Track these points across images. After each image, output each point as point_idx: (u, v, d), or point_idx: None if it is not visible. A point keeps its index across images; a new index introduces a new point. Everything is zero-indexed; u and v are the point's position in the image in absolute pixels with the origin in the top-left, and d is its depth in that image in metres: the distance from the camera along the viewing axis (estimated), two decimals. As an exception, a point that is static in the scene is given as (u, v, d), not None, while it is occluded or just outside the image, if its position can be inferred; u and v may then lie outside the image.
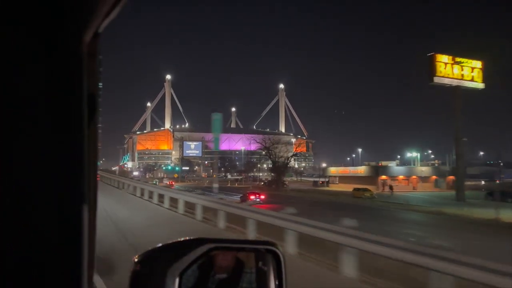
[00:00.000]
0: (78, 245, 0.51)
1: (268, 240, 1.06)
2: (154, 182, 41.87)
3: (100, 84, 0.63)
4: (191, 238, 0.83)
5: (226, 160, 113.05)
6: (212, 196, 22.47)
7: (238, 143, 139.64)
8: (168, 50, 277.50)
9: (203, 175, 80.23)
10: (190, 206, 15.85)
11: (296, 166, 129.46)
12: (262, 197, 32.62)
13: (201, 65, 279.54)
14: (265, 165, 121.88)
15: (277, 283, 0.90)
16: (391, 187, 55.93)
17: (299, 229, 8.73)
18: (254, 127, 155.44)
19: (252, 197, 31.83)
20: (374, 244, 6.64)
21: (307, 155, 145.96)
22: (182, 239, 0.84)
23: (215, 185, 33.72)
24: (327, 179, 75.43)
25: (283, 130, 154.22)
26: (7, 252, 0.48)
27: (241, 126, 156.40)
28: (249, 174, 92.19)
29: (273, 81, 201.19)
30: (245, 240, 1.08)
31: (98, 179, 0.66)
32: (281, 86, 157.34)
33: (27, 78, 0.47)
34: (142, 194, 21.97)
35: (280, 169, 66.15)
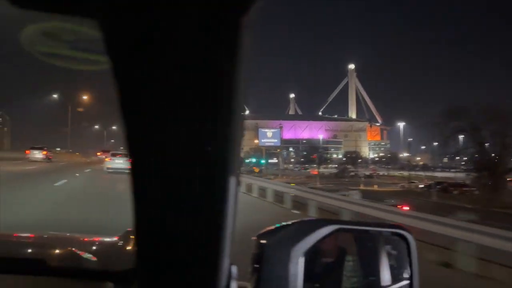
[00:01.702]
0: (224, 216, 0.51)
1: (395, 224, 0.98)
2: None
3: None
4: (313, 218, 0.83)
5: (316, 150, 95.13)
6: None
7: (305, 131, 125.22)
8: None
9: (336, 171, 64.39)
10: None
11: (372, 156, 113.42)
12: (406, 208, 21.52)
13: (259, 50, 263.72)
14: (340, 155, 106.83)
15: (408, 271, 0.85)
16: None
17: None
18: (320, 113, 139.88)
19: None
20: None
21: (382, 143, 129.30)
22: (304, 219, 0.82)
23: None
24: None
25: (353, 116, 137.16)
26: (163, 224, 0.49)
27: (300, 113, 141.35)
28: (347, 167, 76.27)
29: (337, 64, 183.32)
30: (371, 223, 0.81)
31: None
32: (351, 66, 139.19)
33: (191, 51, 0.45)
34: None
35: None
